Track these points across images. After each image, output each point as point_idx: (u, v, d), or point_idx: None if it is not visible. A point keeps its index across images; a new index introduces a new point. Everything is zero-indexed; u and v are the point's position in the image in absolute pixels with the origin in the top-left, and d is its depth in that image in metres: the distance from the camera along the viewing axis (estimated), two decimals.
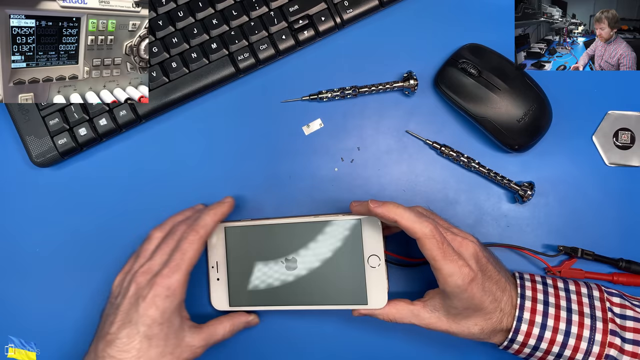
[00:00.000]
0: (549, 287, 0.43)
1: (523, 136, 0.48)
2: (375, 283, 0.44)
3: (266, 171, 0.51)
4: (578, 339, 0.41)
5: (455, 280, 0.40)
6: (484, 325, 0.42)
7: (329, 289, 0.45)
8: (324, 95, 0.51)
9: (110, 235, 0.50)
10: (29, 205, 0.51)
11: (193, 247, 0.42)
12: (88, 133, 0.49)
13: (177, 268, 0.41)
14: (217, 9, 0.50)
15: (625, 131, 0.51)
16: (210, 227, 0.44)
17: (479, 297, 0.40)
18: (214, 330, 0.45)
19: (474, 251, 0.41)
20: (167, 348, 0.41)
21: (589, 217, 0.50)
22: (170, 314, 0.41)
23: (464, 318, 0.42)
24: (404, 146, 0.51)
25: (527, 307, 0.42)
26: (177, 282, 0.41)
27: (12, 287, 0.50)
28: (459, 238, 0.42)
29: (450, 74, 0.49)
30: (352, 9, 0.50)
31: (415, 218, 0.40)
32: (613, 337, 0.41)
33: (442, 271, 0.40)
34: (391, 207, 0.41)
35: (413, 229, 0.40)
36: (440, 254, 0.40)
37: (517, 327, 0.41)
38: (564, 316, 0.42)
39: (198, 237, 0.43)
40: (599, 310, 0.42)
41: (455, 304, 0.41)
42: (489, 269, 0.42)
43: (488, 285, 0.41)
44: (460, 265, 0.40)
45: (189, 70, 0.49)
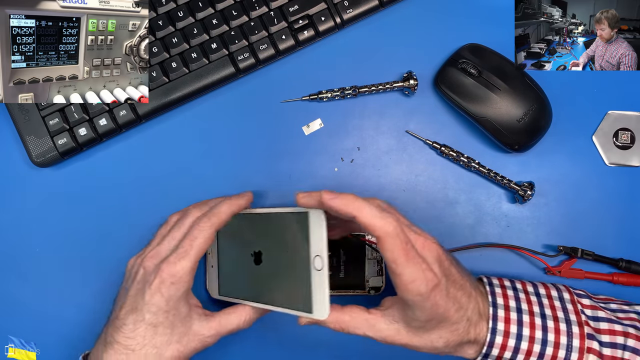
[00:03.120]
0: (519, 292, 0.40)
1: (523, 136, 0.48)
2: (319, 289, 0.37)
3: (266, 171, 0.51)
4: (556, 347, 0.38)
5: (417, 286, 0.35)
6: (449, 338, 0.38)
7: (283, 291, 0.41)
8: (324, 95, 0.51)
9: (110, 236, 0.50)
10: (29, 205, 0.51)
11: (203, 234, 0.40)
12: (88, 133, 0.49)
13: (185, 254, 0.39)
14: (217, 9, 0.50)
15: (625, 131, 0.51)
16: (224, 216, 0.41)
17: (443, 305, 0.36)
18: (227, 319, 0.42)
19: (437, 254, 0.37)
20: (173, 336, 0.40)
21: (589, 217, 0.50)
22: (176, 301, 0.39)
23: (426, 331, 0.38)
24: (404, 146, 0.51)
25: (500, 317, 0.38)
26: (182, 269, 0.39)
27: (12, 287, 0.50)
28: (422, 239, 0.37)
29: (450, 74, 0.49)
30: (352, 9, 0.50)
31: (377, 213, 0.35)
32: (590, 341, 0.39)
33: (402, 277, 0.35)
34: (349, 199, 0.35)
35: (373, 225, 0.35)
36: (402, 255, 0.35)
37: (492, 341, 0.38)
38: (539, 323, 0.38)
39: (209, 225, 0.40)
40: (572, 313, 0.40)
41: (417, 315, 0.37)
42: (453, 273, 0.38)
43: (453, 292, 0.37)
44: (423, 269, 0.35)
45: (189, 70, 0.49)
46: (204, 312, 0.42)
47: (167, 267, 0.39)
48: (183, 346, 0.40)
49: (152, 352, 0.39)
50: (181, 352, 0.40)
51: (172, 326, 0.40)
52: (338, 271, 0.49)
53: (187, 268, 0.39)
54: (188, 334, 0.41)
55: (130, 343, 0.39)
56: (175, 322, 0.40)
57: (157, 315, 0.39)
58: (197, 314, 0.42)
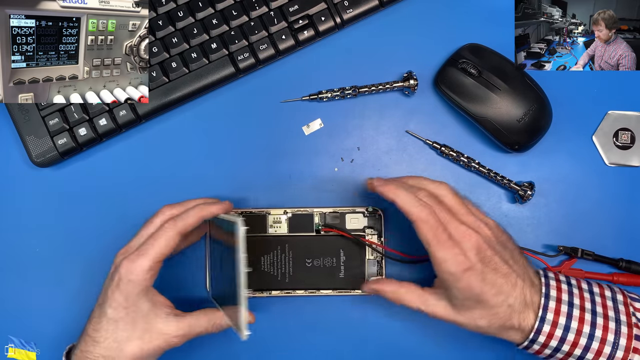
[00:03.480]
0: (573, 288, 0.42)
1: (523, 136, 0.48)
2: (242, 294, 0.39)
3: (266, 171, 0.51)
4: (602, 343, 0.40)
5: (448, 267, 0.39)
6: (490, 320, 0.41)
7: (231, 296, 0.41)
8: (324, 95, 0.51)
9: (110, 235, 0.50)
10: (29, 205, 0.51)
11: (165, 236, 0.41)
12: (88, 133, 0.49)
13: (144, 253, 0.41)
14: (217, 9, 0.50)
15: (625, 131, 0.51)
16: (192, 220, 0.42)
17: (479, 287, 0.39)
18: (197, 321, 0.43)
19: (477, 244, 0.40)
20: (134, 332, 0.41)
21: (589, 217, 0.50)
22: (135, 298, 0.41)
23: (467, 309, 0.41)
24: (404, 146, 0.51)
25: (550, 308, 0.40)
26: (140, 267, 0.40)
27: (12, 287, 0.50)
28: (463, 227, 0.40)
29: (450, 74, 0.49)
30: (352, 9, 0.50)
31: (412, 201, 0.40)
32: (637, 342, 0.40)
33: (435, 257, 0.40)
34: (392, 187, 0.41)
35: (409, 211, 0.40)
36: (433, 238, 0.39)
37: (539, 328, 0.40)
38: (588, 318, 0.40)
39: (173, 227, 0.42)
40: (624, 314, 0.41)
41: (455, 294, 0.41)
42: (495, 261, 0.40)
43: (491, 277, 0.40)
44: (454, 253, 0.39)
45: (189, 70, 0.49)
46: (173, 312, 0.43)
47: (126, 264, 0.41)
48: (145, 343, 0.41)
49: (114, 346, 0.41)
50: (142, 348, 0.41)
51: (134, 322, 0.41)
52: (338, 271, 0.49)
53: (144, 266, 0.40)
54: (151, 332, 0.41)
55: (96, 335, 0.41)
56: (137, 318, 0.41)
57: (117, 311, 0.40)
58: (164, 312, 0.42)
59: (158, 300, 0.42)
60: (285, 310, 0.50)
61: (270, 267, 0.49)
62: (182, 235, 0.42)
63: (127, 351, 0.41)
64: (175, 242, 0.42)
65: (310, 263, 0.49)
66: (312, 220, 0.49)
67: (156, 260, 0.41)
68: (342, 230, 0.49)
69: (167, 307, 0.43)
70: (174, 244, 0.42)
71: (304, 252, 0.49)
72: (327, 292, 0.49)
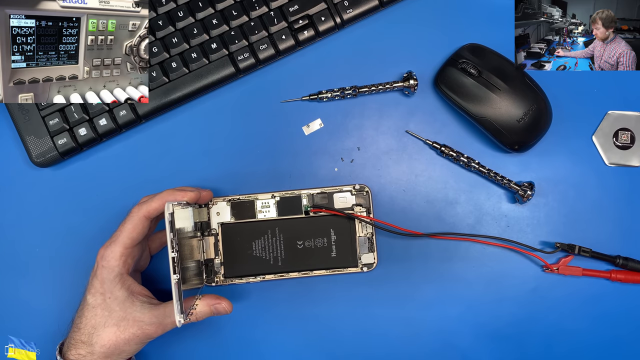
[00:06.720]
0: None
1: (523, 136, 0.48)
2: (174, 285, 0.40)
3: (266, 171, 0.51)
4: None
5: None
6: None
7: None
8: (324, 95, 0.51)
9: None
10: (29, 205, 0.51)
11: (131, 221, 0.43)
12: (88, 133, 0.49)
13: (115, 240, 0.42)
14: (217, 9, 0.50)
15: (625, 131, 0.51)
16: (155, 205, 0.43)
17: None
18: (171, 310, 0.43)
19: None
20: (110, 319, 0.42)
21: (589, 217, 0.50)
22: (110, 284, 0.42)
23: None
24: (404, 146, 0.51)
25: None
26: (112, 252, 0.42)
27: (12, 287, 0.50)
28: None
29: (450, 74, 0.49)
30: (352, 9, 0.50)
31: None
32: None
33: None
34: None
35: None
36: None
37: None
38: None
39: (137, 212, 0.43)
40: None
41: None
42: None
43: None
44: None
45: (189, 70, 0.49)
46: (149, 301, 0.43)
47: (101, 252, 0.43)
48: (121, 330, 0.42)
49: (91, 332, 0.42)
50: (118, 335, 0.42)
51: (110, 309, 0.42)
52: (330, 251, 0.49)
53: (116, 252, 0.42)
54: (127, 319, 0.42)
55: (78, 322, 0.43)
56: (113, 305, 0.42)
57: (95, 297, 0.42)
58: (140, 300, 0.43)
59: (135, 289, 0.43)
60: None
61: (262, 252, 0.49)
62: (147, 219, 0.43)
63: (104, 337, 0.42)
64: (143, 227, 0.43)
65: (302, 245, 0.49)
66: (300, 202, 0.49)
67: (126, 246, 0.42)
68: (332, 210, 0.49)
69: (144, 296, 0.44)
70: (141, 228, 0.43)
71: (294, 234, 0.49)
72: (320, 272, 0.49)
